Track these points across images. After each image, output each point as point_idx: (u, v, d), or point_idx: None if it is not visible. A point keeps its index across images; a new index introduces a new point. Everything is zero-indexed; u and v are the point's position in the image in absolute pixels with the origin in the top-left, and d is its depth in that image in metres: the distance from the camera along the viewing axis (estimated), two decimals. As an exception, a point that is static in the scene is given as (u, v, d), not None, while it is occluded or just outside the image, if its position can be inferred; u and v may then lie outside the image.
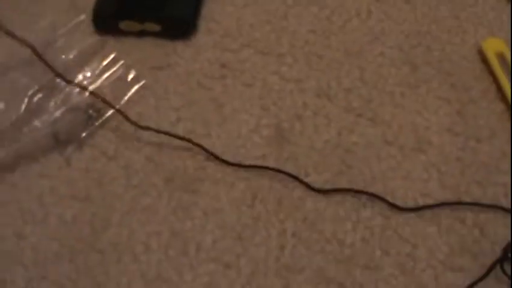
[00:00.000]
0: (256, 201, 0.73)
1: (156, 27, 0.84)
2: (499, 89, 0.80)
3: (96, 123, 0.79)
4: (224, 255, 0.70)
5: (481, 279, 0.68)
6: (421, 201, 0.73)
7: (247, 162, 0.75)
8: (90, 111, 0.79)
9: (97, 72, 0.82)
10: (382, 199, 0.72)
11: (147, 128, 0.76)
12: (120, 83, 0.82)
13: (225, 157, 0.75)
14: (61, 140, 0.77)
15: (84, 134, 0.78)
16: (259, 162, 0.75)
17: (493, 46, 0.83)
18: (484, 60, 0.83)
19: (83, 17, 0.86)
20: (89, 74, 0.82)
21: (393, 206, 0.72)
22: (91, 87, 0.80)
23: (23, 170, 0.76)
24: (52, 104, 0.79)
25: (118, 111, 0.78)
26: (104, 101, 0.78)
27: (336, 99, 0.80)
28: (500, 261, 0.68)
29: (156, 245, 0.71)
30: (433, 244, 0.71)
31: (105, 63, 0.83)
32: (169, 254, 0.70)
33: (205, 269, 0.69)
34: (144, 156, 0.76)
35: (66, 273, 0.69)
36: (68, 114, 0.78)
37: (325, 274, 0.69)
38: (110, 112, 0.79)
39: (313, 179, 0.74)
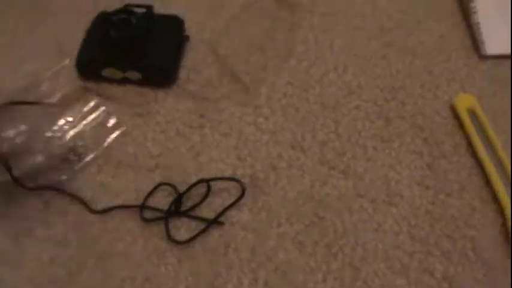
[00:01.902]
0: (230, 250, 0.74)
1: (137, 75, 0.86)
2: (470, 144, 0.82)
3: (76, 167, 0.80)
4: (197, 303, 0.71)
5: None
6: (391, 253, 0.74)
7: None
8: (71, 155, 0.81)
9: (79, 117, 0.84)
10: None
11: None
12: (100, 129, 0.83)
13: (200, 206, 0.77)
14: (40, 183, 0.78)
15: (64, 178, 0.79)
16: (234, 212, 0.77)
17: (464, 102, 0.85)
18: (456, 115, 0.85)
19: (67, 61, 0.88)
20: (70, 119, 0.83)
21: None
22: (72, 132, 0.82)
23: (1, 211, 0.77)
24: (34, 146, 0.80)
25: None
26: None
27: (310, 151, 0.82)
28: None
29: (130, 291, 0.72)
30: (402, 296, 0.72)
31: (86, 108, 0.85)
32: (142, 300, 0.71)
33: (179, 316, 0.70)
34: (121, 202, 0.78)
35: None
36: (49, 157, 0.79)
37: (296, 324, 0.70)
38: (90, 157, 0.81)
39: (285, 229, 0.75)
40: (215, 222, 0.75)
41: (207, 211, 0.77)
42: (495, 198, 0.78)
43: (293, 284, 0.72)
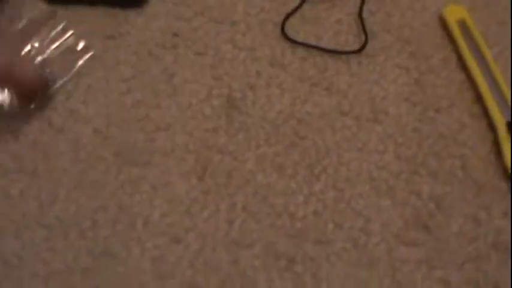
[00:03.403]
0: (206, 175, 0.71)
1: (107, -5, 0.81)
2: (460, 57, 0.78)
3: (44, 95, 0.76)
4: (172, 230, 0.68)
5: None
6: (376, 174, 0.71)
7: (197, 135, 0.73)
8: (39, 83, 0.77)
9: (46, 42, 0.80)
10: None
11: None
12: (69, 54, 0.79)
13: (174, 129, 0.73)
14: (8, 113, 0.75)
15: (32, 106, 0.75)
16: (209, 135, 0.73)
17: (454, 13, 0.80)
18: (445, 27, 0.80)
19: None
20: (37, 44, 0.79)
21: (347, 179, 0.71)
22: (40, 58, 0.78)
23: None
24: None
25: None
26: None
27: (291, 68, 0.78)
28: None
29: (103, 220, 0.69)
30: (386, 218, 0.69)
31: (54, 33, 0.80)
32: (117, 228, 0.69)
33: (153, 244, 0.68)
34: (92, 129, 0.74)
35: (12, 249, 0.67)
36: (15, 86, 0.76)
37: (276, 249, 0.67)
38: (59, 83, 0.77)
39: (263, 151, 0.72)
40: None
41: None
42: (486, 114, 0.75)
43: (273, 208, 0.69)
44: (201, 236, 0.68)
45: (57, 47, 0.79)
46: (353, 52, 0.78)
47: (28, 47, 0.78)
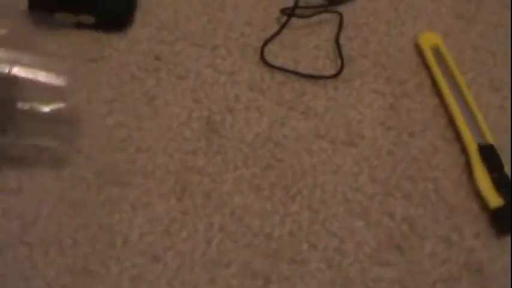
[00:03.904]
0: (185, 195, 0.72)
1: (90, 19, 0.83)
2: (434, 83, 0.80)
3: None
4: (151, 249, 0.69)
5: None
6: (350, 196, 0.73)
7: (177, 157, 0.75)
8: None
9: (29, 64, 0.80)
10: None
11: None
12: (53, 77, 0.80)
13: (155, 150, 0.75)
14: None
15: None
16: (189, 157, 0.75)
17: (429, 40, 0.83)
18: (420, 53, 0.82)
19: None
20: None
21: (322, 200, 0.72)
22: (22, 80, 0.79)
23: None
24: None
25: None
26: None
27: (269, 92, 0.79)
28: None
29: (83, 239, 0.70)
30: (360, 238, 0.70)
31: (38, 56, 0.81)
32: (96, 247, 0.70)
33: (132, 262, 0.69)
34: (74, 148, 0.75)
35: (-6, 267, 0.69)
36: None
37: (252, 268, 0.69)
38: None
39: (241, 173, 0.74)
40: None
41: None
42: (459, 138, 0.76)
43: (249, 229, 0.71)
44: (180, 255, 0.69)
45: (39, 69, 0.80)
46: (330, 77, 0.80)
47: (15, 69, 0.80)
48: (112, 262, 0.69)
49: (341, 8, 0.86)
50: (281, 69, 0.81)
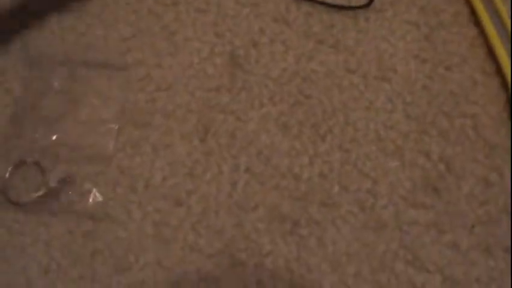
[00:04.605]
0: (209, 135, 0.69)
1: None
2: (472, 12, 0.76)
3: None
4: (174, 193, 0.67)
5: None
6: (383, 134, 0.69)
7: (199, 94, 0.71)
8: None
9: None
10: (342, 132, 0.68)
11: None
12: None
13: (176, 89, 0.71)
14: None
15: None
16: (212, 94, 0.71)
17: (467, -35, 0.77)
18: (457, -20, 0.77)
19: None
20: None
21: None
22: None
23: None
24: None
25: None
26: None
27: (295, 24, 0.75)
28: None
29: (104, 183, 0.67)
30: (394, 179, 0.67)
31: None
32: (117, 192, 0.67)
33: (155, 207, 0.66)
34: (92, 90, 0.72)
35: (14, 217, 0.66)
36: None
37: (280, 211, 0.66)
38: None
39: (267, 110, 0.70)
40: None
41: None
42: (499, 72, 0.72)
43: (277, 169, 0.67)
44: (204, 198, 0.66)
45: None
46: (360, 7, 0.75)
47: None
48: (134, 207, 0.66)
49: None
50: (308, -1, 0.76)
